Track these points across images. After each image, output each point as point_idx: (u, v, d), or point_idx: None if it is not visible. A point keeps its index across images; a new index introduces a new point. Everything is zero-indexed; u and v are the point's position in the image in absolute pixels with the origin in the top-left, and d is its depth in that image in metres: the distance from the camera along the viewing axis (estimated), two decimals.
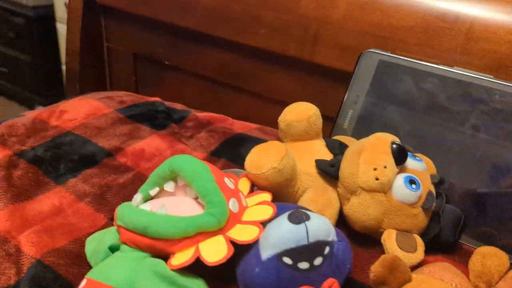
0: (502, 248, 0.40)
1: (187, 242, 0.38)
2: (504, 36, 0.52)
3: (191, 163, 0.41)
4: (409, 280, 0.32)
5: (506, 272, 0.34)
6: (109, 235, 0.41)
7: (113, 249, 0.40)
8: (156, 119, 0.67)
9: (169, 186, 0.43)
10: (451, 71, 0.52)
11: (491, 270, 0.34)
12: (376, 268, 0.31)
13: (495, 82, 0.50)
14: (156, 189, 0.43)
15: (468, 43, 0.54)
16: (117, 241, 0.40)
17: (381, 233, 0.45)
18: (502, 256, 0.34)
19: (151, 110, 0.70)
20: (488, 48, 0.53)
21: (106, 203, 0.50)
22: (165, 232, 0.37)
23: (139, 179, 0.54)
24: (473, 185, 0.50)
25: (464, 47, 0.54)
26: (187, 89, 0.87)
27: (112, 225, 0.43)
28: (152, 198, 0.43)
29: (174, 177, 0.43)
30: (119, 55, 0.93)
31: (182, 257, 0.37)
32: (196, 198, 0.41)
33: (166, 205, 0.40)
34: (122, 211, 0.40)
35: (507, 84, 0.49)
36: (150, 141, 0.61)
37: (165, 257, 0.38)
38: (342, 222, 0.47)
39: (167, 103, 0.74)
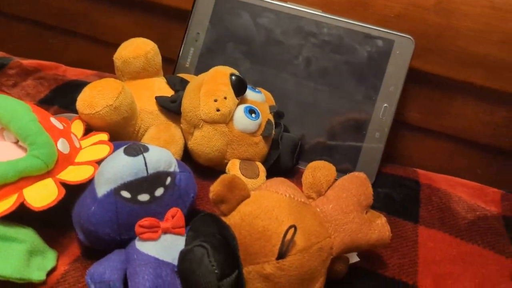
0: None
1: (8, 189, 0.33)
2: None
3: (7, 102, 0.36)
4: (247, 196, 0.33)
5: (334, 182, 0.37)
6: None
7: None
8: None
9: None
10: (285, 6, 0.54)
11: (320, 180, 0.36)
12: (215, 187, 0.31)
13: (324, 16, 0.53)
14: None
15: None
16: None
17: (226, 164, 0.46)
18: (330, 167, 0.37)
19: None
20: None
21: None
22: None
23: None
24: (308, 114, 0.53)
25: None
26: (9, 36, 0.76)
27: None
28: None
29: None
30: None
31: (1, 206, 0.32)
32: (16, 142, 0.36)
33: None
34: None
35: (334, 17, 0.53)
36: None
37: None
38: (188, 159, 0.47)
39: None
